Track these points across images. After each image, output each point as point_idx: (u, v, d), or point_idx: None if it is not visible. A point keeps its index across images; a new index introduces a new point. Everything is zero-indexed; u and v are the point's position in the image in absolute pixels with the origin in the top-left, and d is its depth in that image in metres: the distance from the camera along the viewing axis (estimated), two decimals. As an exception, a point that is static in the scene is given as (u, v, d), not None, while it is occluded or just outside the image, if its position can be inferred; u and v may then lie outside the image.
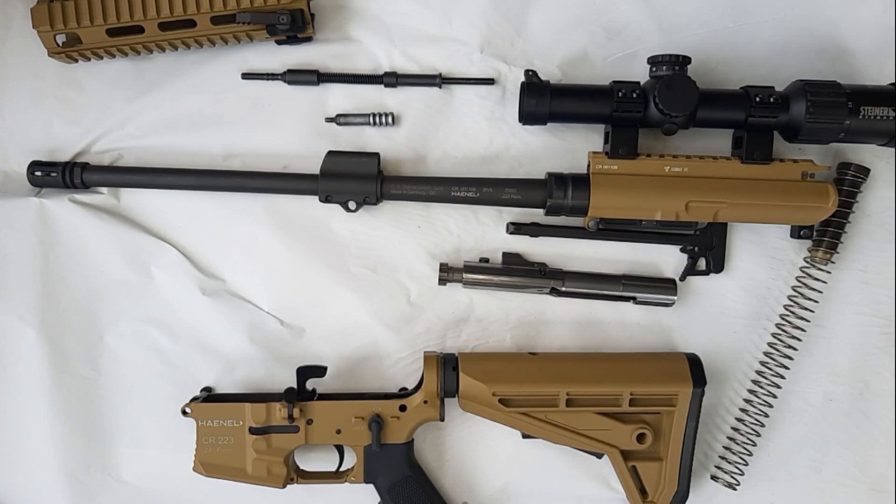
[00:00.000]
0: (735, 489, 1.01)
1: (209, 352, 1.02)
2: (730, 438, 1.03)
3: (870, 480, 1.04)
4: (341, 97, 1.02)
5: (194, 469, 0.95)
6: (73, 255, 1.01)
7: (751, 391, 1.02)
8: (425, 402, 0.96)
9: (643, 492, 0.97)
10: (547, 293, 1.00)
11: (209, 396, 0.99)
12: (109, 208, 1.02)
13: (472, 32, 1.01)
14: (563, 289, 1.00)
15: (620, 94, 0.92)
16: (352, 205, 0.98)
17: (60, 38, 0.96)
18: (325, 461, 1.00)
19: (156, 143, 1.02)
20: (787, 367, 1.01)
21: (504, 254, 1.01)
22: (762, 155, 0.95)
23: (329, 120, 1.02)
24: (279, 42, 1.00)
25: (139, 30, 0.95)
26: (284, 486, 0.96)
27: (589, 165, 0.96)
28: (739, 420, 1.02)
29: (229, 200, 1.01)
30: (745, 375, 1.03)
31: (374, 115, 1.01)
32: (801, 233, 1.00)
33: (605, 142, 0.97)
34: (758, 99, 0.92)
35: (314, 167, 0.98)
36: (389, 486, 0.97)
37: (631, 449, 0.96)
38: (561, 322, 1.03)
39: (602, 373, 0.96)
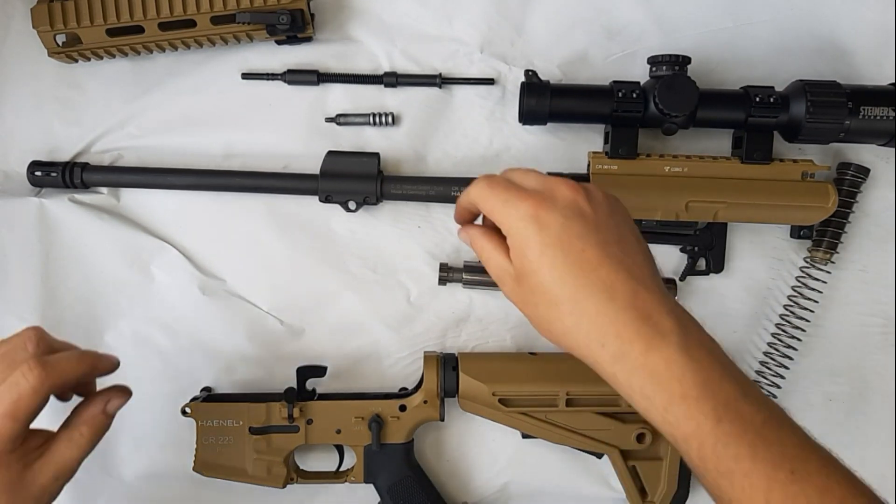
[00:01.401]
0: (735, 489, 1.01)
1: (209, 352, 1.02)
2: (730, 438, 1.03)
3: (870, 480, 1.03)
4: (341, 97, 1.02)
5: (194, 469, 0.95)
6: (73, 255, 1.01)
7: (751, 391, 1.02)
8: (425, 402, 0.95)
9: (643, 492, 0.97)
10: (547, 293, 1.00)
11: (209, 396, 0.99)
12: (109, 208, 1.02)
13: (472, 32, 1.01)
14: (563, 289, 0.99)
15: (620, 94, 0.92)
16: (352, 205, 0.98)
17: (60, 38, 0.96)
18: (325, 461, 1.00)
19: (156, 143, 1.02)
20: (787, 367, 1.01)
21: (504, 254, 1.01)
22: (762, 155, 0.95)
23: (329, 120, 1.02)
24: (279, 42, 1.00)
25: (139, 30, 0.94)
26: (284, 486, 0.96)
27: (589, 165, 0.96)
28: (739, 420, 1.02)
29: (229, 200, 1.01)
30: (745, 375, 1.03)
31: (374, 115, 1.01)
32: (801, 233, 0.99)
33: (605, 142, 0.97)
34: (758, 99, 0.92)
35: (314, 167, 0.98)
36: (389, 485, 0.97)
37: (631, 449, 0.96)
38: (561, 322, 1.03)
39: (602, 373, 0.96)
